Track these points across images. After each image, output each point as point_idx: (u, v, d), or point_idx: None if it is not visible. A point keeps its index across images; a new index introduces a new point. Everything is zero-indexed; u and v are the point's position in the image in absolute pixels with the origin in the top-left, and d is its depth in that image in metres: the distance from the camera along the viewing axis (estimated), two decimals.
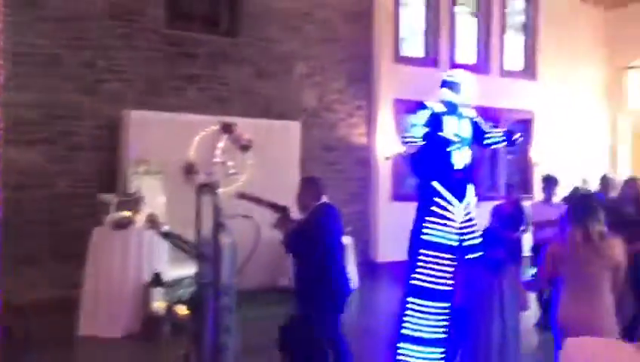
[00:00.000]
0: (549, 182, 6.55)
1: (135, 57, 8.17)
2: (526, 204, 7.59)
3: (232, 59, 8.96)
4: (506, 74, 11.44)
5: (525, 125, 11.70)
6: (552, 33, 11.71)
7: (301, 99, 9.51)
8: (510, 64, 11.60)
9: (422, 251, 4.37)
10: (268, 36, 9.19)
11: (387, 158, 10.06)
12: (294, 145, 9.20)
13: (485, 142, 4.75)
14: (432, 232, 4.37)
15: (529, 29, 11.82)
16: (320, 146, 9.59)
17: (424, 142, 4.46)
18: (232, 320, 3.52)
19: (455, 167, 4.43)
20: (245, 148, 7.39)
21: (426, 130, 4.44)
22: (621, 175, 12.69)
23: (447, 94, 4.61)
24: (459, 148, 4.44)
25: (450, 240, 4.36)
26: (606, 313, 3.47)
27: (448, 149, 4.41)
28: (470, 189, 4.53)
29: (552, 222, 6.20)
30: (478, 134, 4.72)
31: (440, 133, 4.41)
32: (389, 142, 10.08)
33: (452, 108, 4.58)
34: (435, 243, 4.35)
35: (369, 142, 10.13)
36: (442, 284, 4.28)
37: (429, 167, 4.41)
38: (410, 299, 4.31)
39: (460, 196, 4.43)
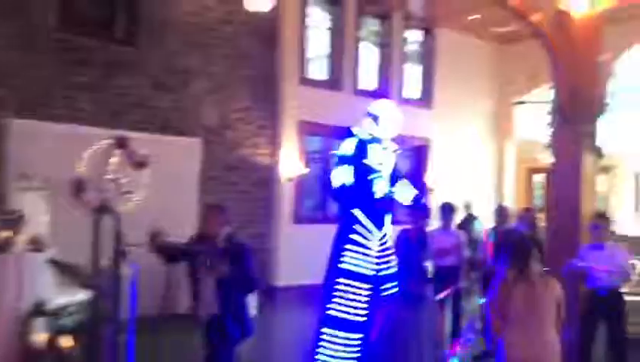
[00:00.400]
0: (447, 210, 6.65)
1: (21, 61, 7.46)
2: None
3: (129, 69, 8.45)
4: (404, 101, 11.73)
5: (421, 151, 12.06)
6: (447, 65, 12.21)
7: (202, 115, 9.14)
8: (408, 92, 11.92)
9: (340, 280, 4.20)
10: (168, 47, 8.78)
11: (290, 180, 9.91)
12: (194, 164, 8.81)
13: (394, 187, 4.68)
14: (351, 261, 4.22)
15: (426, 60, 12.23)
16: (221, 165, 9.24)
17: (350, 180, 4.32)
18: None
19: (376, 196, 4.33)
20: (141, 165, 6.88)
21: (351, 164, 4.32)
22: (508, 201, 13.49)
23: (368, 125, 4.52)
24: (381, 177, 4.35)
25: (368, 269, 4.24)
26: (554, 349, 3.54)
27: (371, 178, 4.30)
28: (388, 219, 4.45)
29: (449, 250, 6.31)
30: (395, 171, 4.66)
31: (365, 161, 4.30)
32: (292, 163, 9.94)
33: (377, 137, 4.48)
34: (354, 272, 4.20)
35: (272, 163, 9.92)
36: (358, 315, 4.13)
37: (351, 194, 4.28)
38: (325, 330, 4.12)
39: (379, 225, 4.34)
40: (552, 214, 5.88)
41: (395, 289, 4.34)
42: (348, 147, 4.35)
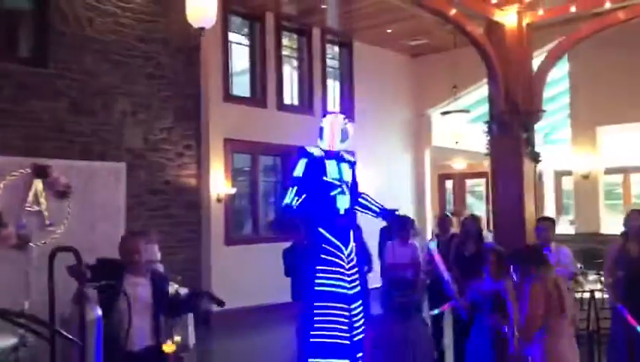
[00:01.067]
0: (405, 223, 6.61)
1: None
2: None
3: (42, 92, 7.83)
4: (327, 115, 11.74)
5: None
6: (364, 78, 12.37)
7: (125, 138, 8.63)
8: (330, 106, 11.94)
9: (317, 304, 4.02)
10: (84, 68, 8.23)
11: (219, 200, 9.58)
12: (119, 190, 8.26)
13: (360, 200, 4.65)
14: (326, 281, 4.07)
15: (345, 74, 12.32)
16: (147, 190, 8.77)
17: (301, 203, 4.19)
18: None
19: (340, 212, 4.22)
20: (63, 194, 6.33)
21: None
22: (426, 208, 13.84)
23: (324, 140, 4.42)
24: (342, 192, 4.25)
25: (344, 288, 4.10)
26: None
27: (333, 194, 4.19)
28: (351, 234, 4.36)
29: (407, 264, 6.31)
30: (354, 183, 4.61)
31: (324, 178, 4.19)
32: (220, 183, 9.62)
33: (330, 152, 4.39)
34: (330, 293, 4.05)
35: (199, 184, 9.55)
36: (343, 338, 3.97)
37: (314, 213, 4.14)
38: (312, 361, 3.92)
39: (346, 242, 4.23)
40: (497, 220, 6.02)
41: (361, 308, 4.23)
42: (301, 167, 4.23)
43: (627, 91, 10.08)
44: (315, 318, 4.02)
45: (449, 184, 17.41)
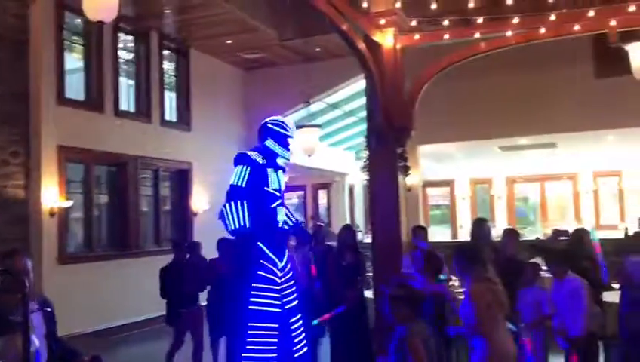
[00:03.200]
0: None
1: None
2: None
3: None
4: (164, 123, 11.24)
5: (184, 175, 11.69)
6: (200, 88, 12.11)
7: None
8: (167, 114, 11.46)
9: (252, 324, 3.80)
10: None
11: (51, 215, 8.56)
12: None
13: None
14: (259, 300, 3.86)
15: (182, 82, 11.92)
16: None
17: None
18: None
19: (279, 225, 4.06)
20: None
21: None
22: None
23: (271, 145, 4.17)
24: (282, 204, 4.09)
25: (275, 306, 3.91)
26: None
27: (274, 206, 4.01)
28: (286, 247, 4.22)
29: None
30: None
31: (267, 189, 3.98)
32: (53, 195, 8.62)
33: (273, 160, 4.17)
34: (263, 312, 3.85)
35: (28, 196, 8.39)
36: (274, 359, 3.79)
37: (256, 226, 3.89)
38: None
39: (282, 255, 4.07)
40: (375, 227, 6.35)
41: (300, 322, 4.12)
42: (243, 175, 3.98)
43: (445, 115, 11.30)
44: (249, 340, 3.80)
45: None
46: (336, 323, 6.28)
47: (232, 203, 3.86)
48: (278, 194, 4.08)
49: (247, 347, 3.79)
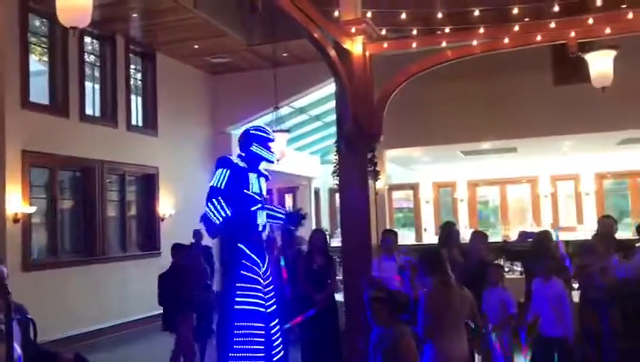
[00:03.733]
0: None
1: None
2: None
3: None
4: (131, 128, 11.14)
5: (150, 180, 11.60)
6: (167, 93, 12.05)
7: None
8: (134, 118, 11.35)
9: (238, 324, 3.86)
10: None
11: (15, 221, 8.40)
12: None
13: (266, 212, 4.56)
14: (245, 300, 3.94)
15: (149, 86, 11.83)
16: None
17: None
18: None
19: (259, 228, 4.14)
20: None
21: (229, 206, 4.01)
22: None
23: (257, 149, 4.27)
24: (262, 208, 4.17)
25: (262, 306, 4.01)
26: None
27: (253, 209, 4.09)
28: (265, 250, 4.31)
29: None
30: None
31: (246, 192, 4.06)
32: (17, 200, 8.46)
33: (254, 166, 4.26)
34: (250, 311, 3.93)
35: None
36: (261, 359, 3.87)
37: (235, 228, 3.98)
38: None
39: (263, 258, 4.15)
40: (344, 230, 6.46)
41: (278, 327, 4.20)
42: (223, 178, 4.06)
43: (410, 120, 11.50)
44: (235, 340, 3.87)
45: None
46: (307, 326, 6.36)
47: (213, 200, 3.94)
48: (258, 198, 4.16)
49: (235, 347, 3.86)
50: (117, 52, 10.78)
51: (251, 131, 4.43)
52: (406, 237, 16.04)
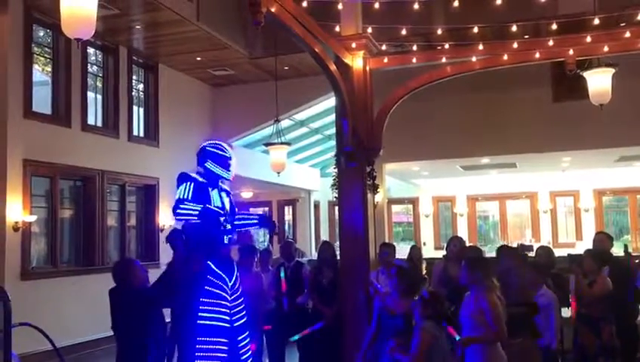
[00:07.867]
0: (249, 250, 6.66)
1: None
2: None
3: None
4: (132, 138, 11.20)
5: (151, 191, 11.64)
6: (168, 104, 12.11)
7: None
8: (136, 129, 11.42)
9: (200, 339, 3.87)
10: None
11: (15, 229, 8.43)
12: None
13: (236, 222, 4.52)
14: (209, 315, 3.94)
15: (149, 100, 11.90)
16: None
17: (197, 219, 4.04)
18: None
19: (225, 242, 4.18)
20: None
21: (198, 204, 4.04)
22: None
23: (211, 167, 4.29)
24: (226, 221, 4.18)
25: (225, 321, 4.00)
26: None
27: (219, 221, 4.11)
28: (234, 264, 4.33)
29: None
30: (232, 210, 4.50)
31: (209, 206, 4.07)
32: (17, 209, 8.49)
33: (213, 181, 4.28)
34: (213, 327, 3.92)
35: None
36: None
37: (201, 243, 4.01)
38: None
39: (230, 273, 4.17)
40: (343, 243, 6.49)
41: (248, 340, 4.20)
42: (188, 190, 4.08)
43: (410, 134, 11.56)
44: (196, 355, 3.87)
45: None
46: (312, 339, 6.31)
47: (180, 205, 3.98)
48: (222, 212, 4.17)
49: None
50: (120, 63, 10.86)
51: (207, 148, 4.38)
52: (405, 251, 16.03)
